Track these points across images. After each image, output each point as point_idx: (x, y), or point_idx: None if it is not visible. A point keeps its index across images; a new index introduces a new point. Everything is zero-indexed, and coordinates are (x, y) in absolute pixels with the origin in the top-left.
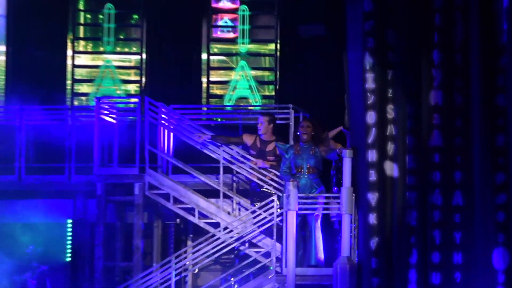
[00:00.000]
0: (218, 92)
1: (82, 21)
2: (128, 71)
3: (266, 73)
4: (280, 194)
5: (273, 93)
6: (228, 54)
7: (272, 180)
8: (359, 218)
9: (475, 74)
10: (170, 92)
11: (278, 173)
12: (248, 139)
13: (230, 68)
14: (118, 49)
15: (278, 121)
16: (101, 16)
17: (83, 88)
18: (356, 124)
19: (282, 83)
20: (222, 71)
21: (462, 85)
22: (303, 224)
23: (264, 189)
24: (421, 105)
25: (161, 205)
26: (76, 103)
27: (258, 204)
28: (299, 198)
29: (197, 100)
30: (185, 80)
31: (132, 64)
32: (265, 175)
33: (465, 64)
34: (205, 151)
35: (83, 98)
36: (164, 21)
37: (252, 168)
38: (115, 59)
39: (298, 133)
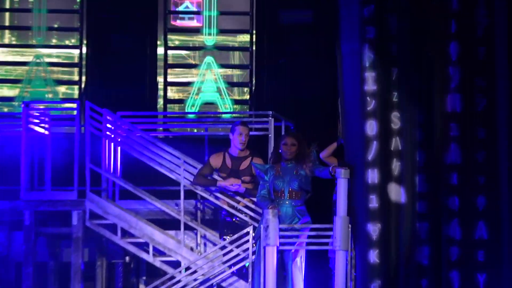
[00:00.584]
0: (178, 95)
1: (7, 5)
2: (64, 69)
3: (239, 71)
4: (257, 224)
5: (247, 97)
6: (191, 48)
7: (246, 207)
8: (357, 256)
9: (502, 72)
10: (118, 95)
11: (254, 199)
12: (215, 161)
13: (193, 66)
14: (54, 41)
15: (254, 133)
16: (31, 0)
17: (7, 90)
18: (353, 136)
19: (258, 84)
20: (183, 70)
21: (486, 86)
22: (282, 262)
23: (236, 220)
24: (435, 111)
25: (106, 239)
26: None
27: (229, 237)
28: (280, 230)
29: (151, 105)
30: (136, 81)
31: (69, 60)
32: (238, 201)
33: (489, 59)
34: (161, 170)
35: (13, 103)
36: (110, 6)
37: (221, 192)
38: (48, 54)
39: (279, 151)
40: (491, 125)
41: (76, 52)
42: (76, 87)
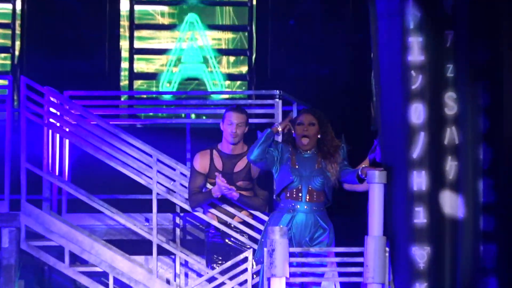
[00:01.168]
0: (148, 68)
1: None
2: None
3: (233, 34)
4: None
5: (245, 70)
6: (166, 3)
7: (244, 223)
8: None
9: None
10: (65, 69)
11: (254, 212)
12: (202, 165)
13: (170, 27)
14: None
15: (254, 120)
16: None
17: None
18: (391, 125)
19: (260, 53)
20: (155, 33)
21: None
22: None
23: (229, 241)
24: (505, 91)
25: (48, 267)
26: None
27: (219, 266)
28: (291, 254)
29: (112, 83)
30: (91, 49)
31: None
32: (232, 215)
33: None
34: (126, 172)
35: None
36: None
37: (212, 203)
38: None
39: (293, 135)
40: None
41: (7, 7)
42: (7, 56)
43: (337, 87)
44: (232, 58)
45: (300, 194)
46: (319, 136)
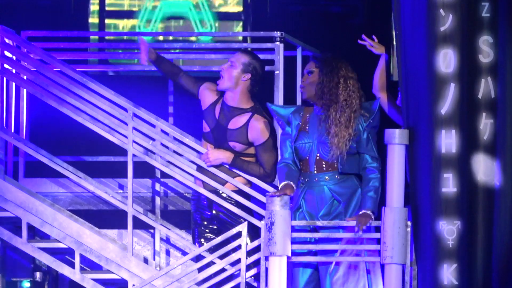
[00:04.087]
0: (123, 5)
1: None
2: None
3: None
4: (254, 221)
5: (239, 7)
6: None
7: (239, 192)
8: (420, 273)
9: None
10: (23, 4)
11: (249, 178)
12: (207, 94)
13: None
14: None
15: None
16: None
17: None
18: (415, 76)
19: None
20: None
21: None
22: (313, 282)
23: (220, 212)
24: None
25: (2, 243)
26: None
27: (206, 241)
28: (295, 229)
29: (79, 21)
30: None
31: None
32: (223, 182)
33: None
34: (96, 129)
35: None
36: None
37: (199, 167)
38: None
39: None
40: None
41: None
42: None
43: (352, 29)
44: None
45: (308, 165)
46: (324, 84)
